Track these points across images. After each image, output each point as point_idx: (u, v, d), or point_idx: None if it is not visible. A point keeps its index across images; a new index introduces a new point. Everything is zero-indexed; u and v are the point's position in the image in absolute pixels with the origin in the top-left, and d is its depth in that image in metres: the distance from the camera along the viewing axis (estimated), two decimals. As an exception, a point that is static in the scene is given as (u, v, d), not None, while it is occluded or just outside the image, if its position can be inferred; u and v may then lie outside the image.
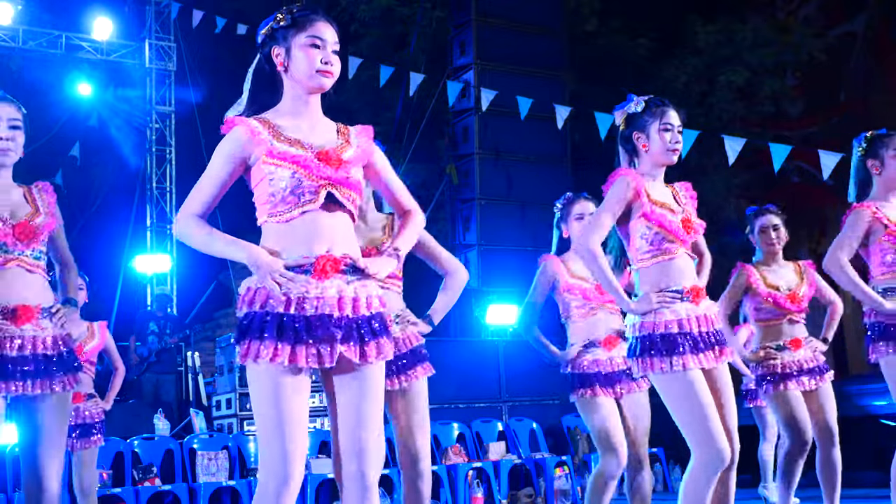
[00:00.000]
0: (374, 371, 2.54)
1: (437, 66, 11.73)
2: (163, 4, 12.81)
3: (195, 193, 2.56)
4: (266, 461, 2.43)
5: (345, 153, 2.61)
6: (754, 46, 13.16)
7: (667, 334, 3.19)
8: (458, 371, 8.51)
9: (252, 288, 2.49)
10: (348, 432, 2.50)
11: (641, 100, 3.39)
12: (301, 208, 2.50)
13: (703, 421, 3.13)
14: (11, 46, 11.82)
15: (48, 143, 13.29)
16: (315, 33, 2.58)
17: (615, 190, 3.27)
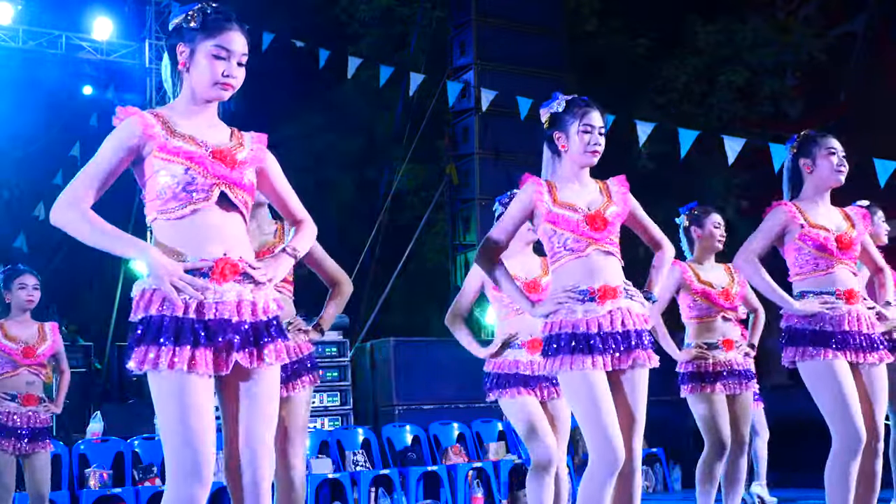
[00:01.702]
0: (270, 375, 2.52)
1: (437, 66, 11.72)
2: (163, 4, 12.80)
3: (81, 180, 2.49)
4: (176, 470, 2.38)
5: (239, 154, 2.57)
6: (754, 46, 13.15)
7: (574, 333, 3.17)
8: (457, 371, 8.50)
9: (147, 290, 2.43)
10: (243, 435, 2.47)
11: (564, 99, 3.34)
12: (193, 206, 2.46)
13: (598, 423, 3.11)
14: (11, 46, 11.82)
15: (48, 143, 13.32)
16: (222, 43, 2.52)
17: (518, 196, 3.34)
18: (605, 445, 3.09)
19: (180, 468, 2.37)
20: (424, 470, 7.42)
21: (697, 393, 4.45)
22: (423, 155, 12.63)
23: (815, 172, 3.75)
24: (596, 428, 3.11)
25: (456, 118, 11.62)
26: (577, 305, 3.19)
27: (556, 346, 3.18)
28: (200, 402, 2.40)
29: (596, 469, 3.11)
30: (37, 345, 4.95)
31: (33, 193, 13.36)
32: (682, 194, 6.52)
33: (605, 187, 3.38)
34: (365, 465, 7.34)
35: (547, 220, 3.25)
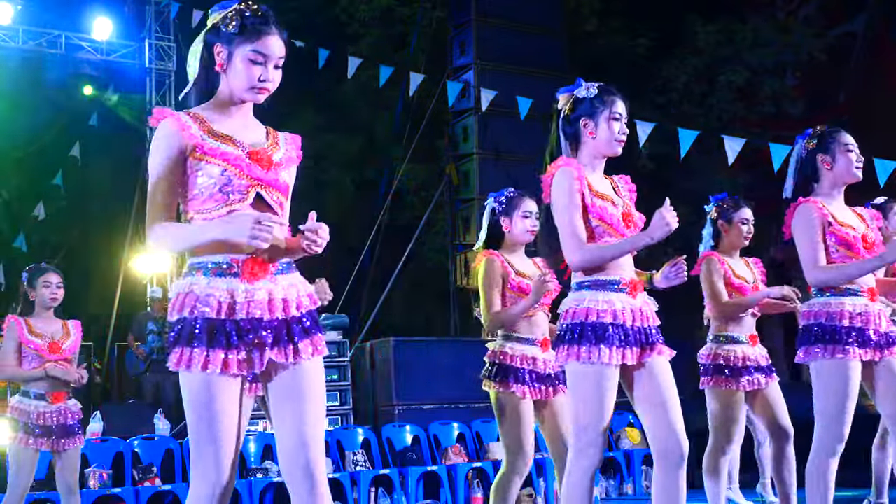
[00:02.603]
0: (312, 369, 2.52)
1: (437, 66, 11.73)
2: (162, 4, 12.81)
3: (152, 206, 2.51)
4: (199, 468, 2.43)
5: (275, 155, 2.58)
6: (754, 46, 13.16)
7: (597, 323, 3.13)
8: (458, 371, 8.50)
9: (182, 293, 2.47)
10: (292, 430, 2.48)
11: (593, 85, 3.29)
12: (229, 206, 2.47)
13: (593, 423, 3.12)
14: (11, 46, 11.82)
15: (48, 143, 13.32)
16: (260, 48, 2.53)
17: (565, 185, 3.17)
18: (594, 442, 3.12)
19: (203, 466, 2.42)
20: (424, 470, 7.42)
21: (720, 388, 4.39)
22: (423, 155, 12.63)
23: (834, 168, 3.71)
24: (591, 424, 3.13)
25: (456, 118, 11.63)
26: (614, 295, 3.16)
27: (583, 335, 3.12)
28: (228, 403, 2.44)
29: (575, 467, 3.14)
30: (62, 340, 5.00)
31: (33, 193, 13.37)
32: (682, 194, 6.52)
33: (614, 183, 3.36)
34: (365, 465, 7.34)
35: (588, 211, 3.18)
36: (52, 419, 4.85)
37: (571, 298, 3.24)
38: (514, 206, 4.34)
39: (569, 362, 3.17)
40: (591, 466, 3.15)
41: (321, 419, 2.54)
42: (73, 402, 5.02)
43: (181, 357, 2.42)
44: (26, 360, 4.90)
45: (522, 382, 4.10)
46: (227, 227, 2.40)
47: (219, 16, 2.58)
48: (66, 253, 12.84)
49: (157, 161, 2.52)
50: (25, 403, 4.86)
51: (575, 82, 3.34)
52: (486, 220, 4.41)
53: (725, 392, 4.38)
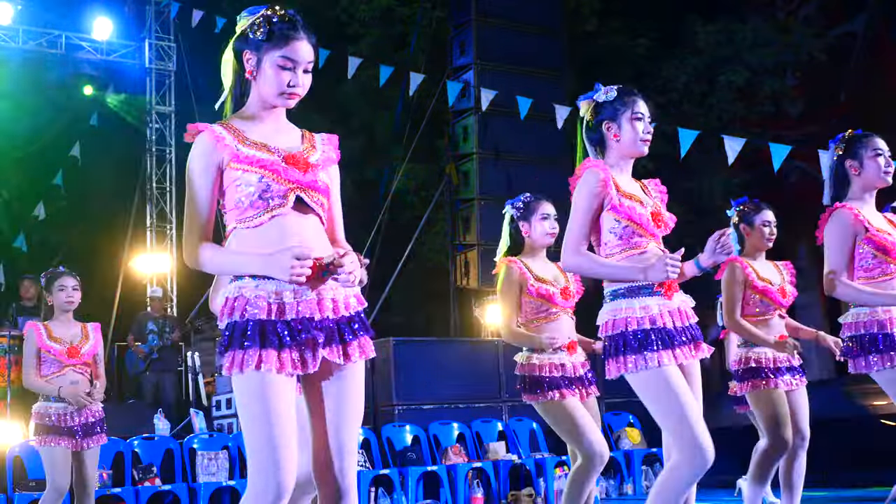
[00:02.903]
0: (356, 371, 2.53)
1: (437, 66, 11.72)
2: (162, 4, 12.82)
3: (191, 220, 2.52)
4: (258, 472, 2.38)
5: (311, 157, 2.58)
6: (754, 46, 13.16)
7: (638, 331, 3.10)
8: (458, 371, 8.51)
9: (230, 298, 2.47)
10: (329, 434, 2.47)
11: (612, 88, 3.30)
12: (270, 213, 2.48)
13: (683, 420, 3.04)
14: (11, 46, 11.82)
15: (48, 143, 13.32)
16: (288, 54, 2.53)
17: (586, 186, 3.17)
18: (695, 444, 3.02)
19: (262, 469, 2.37)
20: (424, 470, 7.42)
21: (759, 390, 4.38)
22: (423, 155, 12.63)
23: (862, 174, 3.70)
24: (683, 424, 3.04)
25: (456, 118, 11.62)
26: (650, 299, 3.13)
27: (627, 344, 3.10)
28: (284, 403, 2.41)
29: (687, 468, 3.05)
30: (80, 344, 5.02)
31: (33, 193, 13.37)
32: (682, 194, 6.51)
33: (643, 185, 3.34)
34: (365, 465, 7.34)
35: (615, 211, 3.15)
36: (73, 420, 4.89)
37: (608, 310, 3.21)
38: (531, 210, 4.31)
39: (624, 374, 3.14)
40: (701, 468, 3.05)
41: (358, 426, 2.54)
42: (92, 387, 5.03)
43: (234, 360, 2.41)
44: (45, 366, 4.93)
45: (556, 387, 4.09)
46: (267, 264, 2.42)
47: (246, 22, 2.59)
48: (66, 253, 12.83)
49: (195, 177, 2.52)
50: (45, 407, 4.90)
51: (594, 87, 3.35)
52: (505, 228, 4.38)
53: (766, 392, 4.36)
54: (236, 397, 2.46)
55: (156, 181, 12.73)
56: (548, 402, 4.10)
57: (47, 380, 4.89)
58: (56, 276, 5.03)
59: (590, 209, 3.15)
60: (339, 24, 13.69)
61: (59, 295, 4.99)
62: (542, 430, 8.44)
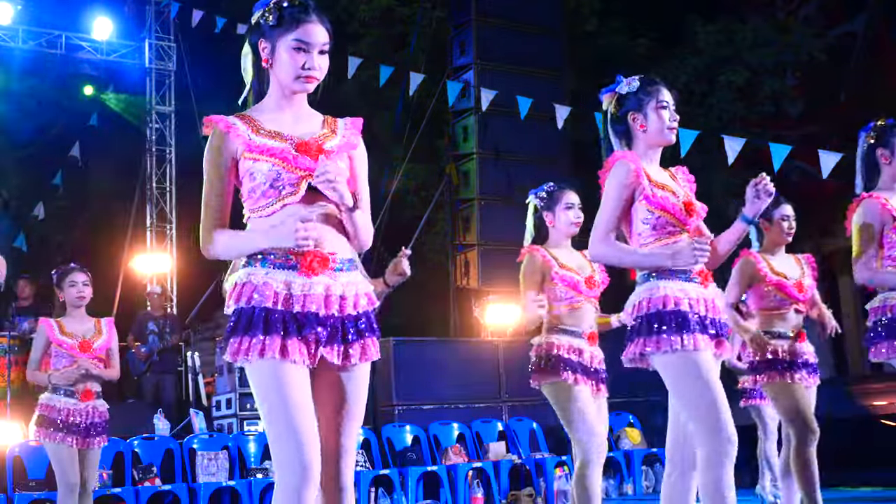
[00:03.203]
0: (358, 372, 2.49)
1: (437, 66, 11.72)
2: (163, 4, 12.81)
3: (206, 211, 2.52)
4: (281, 458, 2.34)
5: (327, 143, 2.55)
6: (754, 46, 13.14)
7: (677, 311, 3.04)
8: (458, 371, 8.51)
9: (239, 283, 2.45)
10: (328, 436, 2.44)
11: (634, 79, 3.27)
12: (282, 201, 2.46)
13: (711, 406, 2.98)
14: (11, 46, 11.82)
15: (48, 143, 13.33)
16: (301, 36, 2.51)
17: (616, 178, 3.13)
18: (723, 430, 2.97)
19: (286, 457, 2.33)
20: (424, 470, 7.42)
21: (776, 382, 4.34)
22: (423, 155, 12.61)
23: (892, 163, 3.70)
24: (711, 411, 2.98)
25: (456, 118, 11.62)
26: (688, 284, 3.10)
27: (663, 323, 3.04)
28: (298, 388, 2.37)
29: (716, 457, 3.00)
30: (93, 339, 5.06)
31: (33, 193, 13.37)
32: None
33: (671, 174, 3.32)
34: (365, 465, 7.34)
35: (648, 202, 3.13)
36: (80, 417, 4.90)
37: (643, 289, 3.14)
38: (555, 199, 4.25)
39: (655, 354, 3.06)
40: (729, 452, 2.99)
41: (358, 428, 2.51)
42: (102, 401, 5.07)
43: (239, 346, 2.39)
44: (58, 360, 4.97)
45: (573, 370, 4.00)
46: (272, 234, 2.42)
47: (258, 13, 2.58)
48: (66, 253, 12.84)
49: (209, 168, 2.52)
50: (55, 401, 4.92)
51: (615, 80, 3.31)
52: (529, 218, 4.33)
53: (784, 384, 4.33)
54: (252, 385, 2.43)
55: (156, 181, 12.72)
56: (559, 383, 4.01)
57: (50, 374, 4.92)
58: (67, 273, 5.07)
59: (620, 199, 3.13)
60: (339, 24, 13.67)
61: (70, 291, 5.03)
62: (542, 430, 8.44)
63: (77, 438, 4.87)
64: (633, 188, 3.13)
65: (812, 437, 4.31)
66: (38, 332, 5.07)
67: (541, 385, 4.12)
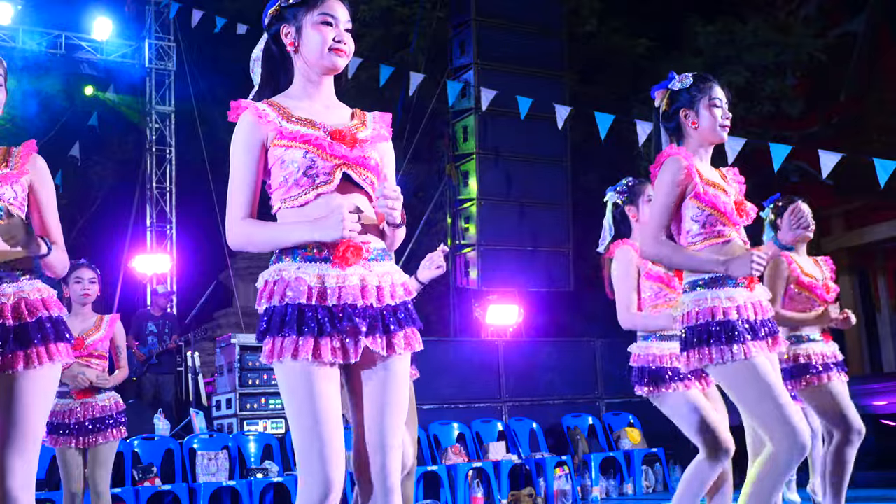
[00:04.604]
0: (400, 363, 2.40)
1: (437, 66, 11.73)
2: (162, 4, 12.82)
3: (233, 199, 2.41)
4: (305, 466, 2.27)
5: (360, 133, 2.50)
6: (754, 46, 13.15)
7: (725, 321, 3.04)
8: (458, 371, 8.51)
9: (269, 280, 2.36)
10: (371, 431, 2.35)
11: (687, 75, 3.26)
12: (316, 190, 2.37)
13: (778, 408, 2.97)
14: (11, 46, 11.82)
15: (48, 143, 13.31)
16: (327, 10, 2.47)
17: (669, 173, 3.12)
18: (793, 431, 2.95)
19: (309, 470, 2.27)
20: (424, 470, 7.42)
21: (812, 386, 4.31)
22: (423, 155, 12.62)
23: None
24: (779, 413, 2.97)
25: (456, 118, 11.63)
26: (735, 291, 3.10)
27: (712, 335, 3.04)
28: (326, 392, 2.30)
29: (784, 456, 2.98)
30: (88, 335, 4.90)
31: (33, 193, 13.35)
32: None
33: (722, 174, 3.30)
34: (365, 465, 7.34)
35: (698, 199, 3.11)
36: (78, 415, 4.76)
37: (690, 299, 3.14)
38: (637, 193, 4.08)
39: (710, 366, 3.07)
40: (804, 451, 2.97)
41: (402, 423, 2.41)
42: (105, 395, 4.87)
43: (273, 347, 2.30)
44: None
45: (678, 380, 3.83)
46: (318, 226, 2.32)
47: (276, 6, 2.53)
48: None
49: (239, 155, 2.41)
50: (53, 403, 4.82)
51: (668, 76, 3.30)
52: (608, 216, 4.16)
53: (819, 386, 4.29)
54: (280, 388, 2.36)
55: (156, 181, 12.73)
56: (669, 395, 3.83)
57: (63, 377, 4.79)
58: (74, 269, 4.89)
59: (671, 197, 3.12)
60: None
61: (75, 287, 4.89)
62: (542, 430, 8.45)
63: (79, 438, 4.74)
64: (685, 185, 3.12)
65: (857, 437, 4.24)
66: None
67: (650, 397, 3.93)
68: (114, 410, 4.86)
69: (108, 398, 4.89)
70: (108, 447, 4.82)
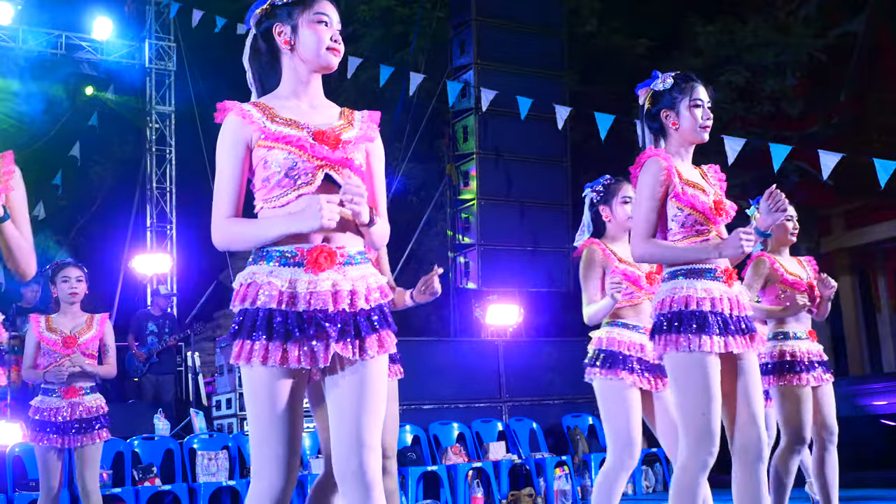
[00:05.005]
0: (374, 365, 2.41)
1: (437, 66, 11.73)
2: (163, 4, 12.81)
3: (218, 198, 2.43)
4: (258, 464, 2.35)
5: (345, 133, 2.49)
6: (754, 46, 13.16)
7: (698, 311, 3.07)
8: (458, 371, 8.51)
9: (244, 283, 2.39)
10: (347, 428, 2.36)
11: (669, 75, 3.27)
12: (297, 191, 2.39)
13: (703, 414, 3.01)
14: (11, 46, 11.82)
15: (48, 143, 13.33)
16: (322, 10, 2.50)
17: (650, 174, 3.14)
18: (706, 437, 3.00)
19: (260, 462, 2.34)
20: (424, 470, 7.42)
21: (789, 385, 4.32)
22: (423, 155, 12.62)
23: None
24: (702, 419, 3.01)
25: (456, 118, 11.63)
26: (712, 283, 3.12)
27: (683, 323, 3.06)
28: (287, 398, 2.35)
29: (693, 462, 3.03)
30: (79, 334, 4.90)
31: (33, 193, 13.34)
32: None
33: (703, 173, 3.32)
34: (365, 465, 7.34)
35: (678, 199, 3.14)
36: (65, 415, 4.75)
37: (667, 287, 3.17)
38: (612, 192, 4.11)
39: (668, 352, 3.10)
40: (707, 461, 3.03)
41: (380, 420, 2.42)
42: (92, 397, 4.89)
43: (241, 349, 2.34)
44: (44, 357, 4.83)
45: (630, 370, 3.86)
46: (296, 218, 2.34)
47: (267, 4, 2.54)
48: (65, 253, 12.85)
49: (223, 155, 2.44)
50: (39, 401, 4.81)
51: (651, 75, 3.30)
52: (586, 213, 4.22)
53: (795, 388, 4.30)
54: (244, 388, 2.40)
55: (156, 181, 12.72)
56: (615, 381, 3.87)
57: (45, 371, 4.79)
58: (61, 267, 4.92)
59: (655, 197, 3.14)
60: (339, 24, 13.68)
61: (63, 286, 4.88)
62: (542, 430, 8.45)
63: (65, 437, 4.73)
64: (667, 185, 3.14)
65: (802, 447, 4.29)
66: (28, 329, 4.91)
67: (594, 378, 3.97)
68: (100, 412, 4.89)
69: (94, 399, 4.90)
70: (96, 448, 4.86)
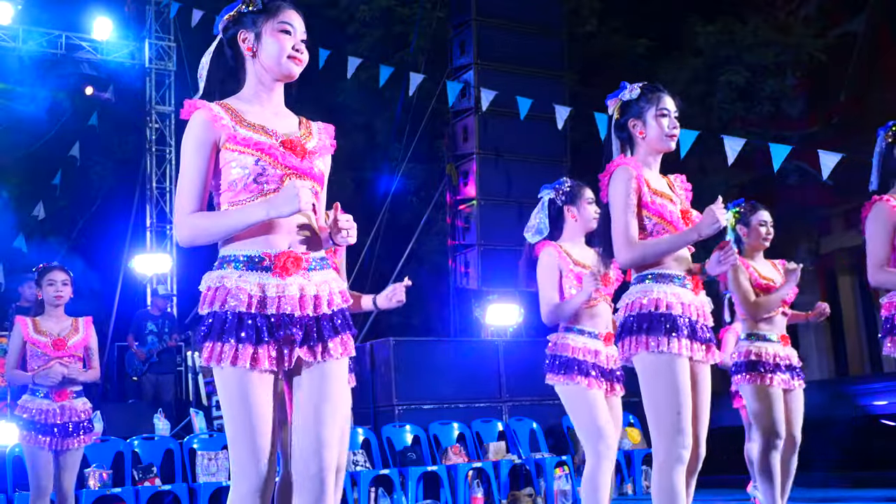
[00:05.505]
0: (335, 368, 2.48)
1: (437, 66, 11.73)
2: (163, 4, 12.81)
3: (182, 195, 2.46)
4: (236, 463, 2.40)
5: (309, 143, 2.56)
6: (754, 46, 13.16)
7: (668, 314, 3.12)
8: (458, 371, 8.51)
9: (212, 286, 2.45)
10: (307, 430, 2.43)
11: (636, 86, 3.31)
12: (264, 197, 2.45)
13: (678, 412, 3.06)
14: (11, 46, 11.82)
15: (48, 143, 13.32)
16: (286, 19, 2.55)
17: (621, 183, 3.17)
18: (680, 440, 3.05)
19: (240, 463, 2.40)
20: (424, 470, 7.42)
21: (756, 384, 4.37)
22: (422, 155, 12.62)
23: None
24: (674, 419, 3.06)
25: (456, 118, 11.63)
26: (681, 289, 3.17)
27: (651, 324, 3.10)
28: (260, 398, 2.41)
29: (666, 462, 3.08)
30: (68, 337, 4.92)
31: (33, 193, 13.37)
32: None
33: (670, 182, 3.36)
34: (365, 465, 7.35)
35: (646, 208, 3.18)
36: (54, 417, 4.77)
37: (637, 290, 3.21)
38: (578, 194, 4.17)
39: (638, 353, 3.13)
40: (682, 455, 3.07)
41: (341, 421, 2.50)
42: (82, 401, 4.91)
43: (212, 351, 2.40)
44: (33, 359, 4.83)
45: (586, 375, 3.90)
46: (273, 203, 2.38)
47: (238, 5, 2.58)
48: (65, 254, 12.84)
49: (190, 153, 2.46)
50: (30, 401, 4.82)
51: (619, 86, 3.35)
52: (543, 213, 4.23)
53: (763, 387, 4.35)
54: (218, 389, 2.46)
55: (156, 181, 12.72)
56: (572, 386, 3.92)
57: (35, 373, 4.78)
58: (46, 271, 4.94)
59: (630, 203, 3.17)
60: (339, 24, 13.69)
61: (48, 290, 4.90)
62: (542, 430, 8.44)
63: (53, 440, 4.74)
64: (638, 192, 3.19)
65: (777, 442, 4.32)
66: (14, 330, 4.92)
67: (555, 384, 4.02)
68: (88, 416, 4.92)
69: (83, 403, 4.93)
70: (79, 452, 4.90)
